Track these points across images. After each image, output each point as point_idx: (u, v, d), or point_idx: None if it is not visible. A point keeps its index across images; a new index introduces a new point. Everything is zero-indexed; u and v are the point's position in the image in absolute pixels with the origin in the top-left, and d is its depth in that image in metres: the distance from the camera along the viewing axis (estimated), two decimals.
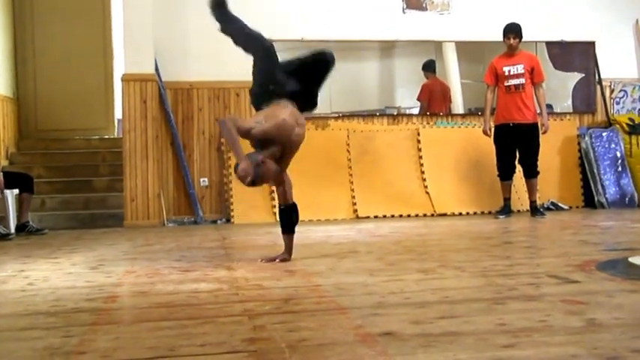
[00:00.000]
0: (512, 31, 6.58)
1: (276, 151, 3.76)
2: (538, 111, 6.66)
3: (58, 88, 8.08)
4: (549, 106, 7.36)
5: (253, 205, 6.90)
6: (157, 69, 7.02)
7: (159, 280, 3.24)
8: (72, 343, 2.06)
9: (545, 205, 7.23)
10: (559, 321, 2.15)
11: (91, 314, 2.50)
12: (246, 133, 3.77)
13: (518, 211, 7.05)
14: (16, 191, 6.07)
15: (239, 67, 7.49)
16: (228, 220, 6.99)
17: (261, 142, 3.77)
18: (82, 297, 2.85)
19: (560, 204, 7.37)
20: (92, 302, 2.74)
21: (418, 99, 7.83)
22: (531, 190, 6.67)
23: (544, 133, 6.62)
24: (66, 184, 7.20)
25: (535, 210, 6.60)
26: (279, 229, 5.88)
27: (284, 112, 3.83)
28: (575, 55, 8.02)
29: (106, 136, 8.22)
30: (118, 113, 7.95)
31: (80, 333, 2.18)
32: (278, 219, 4.04)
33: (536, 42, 7.72)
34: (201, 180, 7.28)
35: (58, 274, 3.57)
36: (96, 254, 4.42)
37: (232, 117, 4.07)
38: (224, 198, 7.18)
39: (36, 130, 8.09)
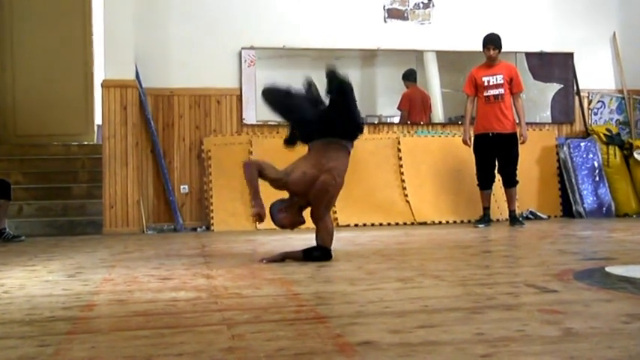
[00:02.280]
0: (492, 42, 6.64)
1: (298, 201, 4.03)
2: (517, 121, 6.72)
3: (38, 93, 8.02)
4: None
5: (233, 213, 6.89)
6: (137, 75, 6.99)
7: (137, 289, 3.21)
8: (47, 352, 2.03)
9: (524, 215, 7.30)
10: (536, 330, 2.17)
11: (67, 323, 2.47)
12: (272, 182, 4.02)
13: (498, 220, 7.10)
14: None
15: (220, 74, 7.57)
16: (208, 228, 6.97)
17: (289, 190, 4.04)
18: (58, 305, 2.82)
19: (539, 213, 7.44)
20: (69, 311, 2.71)
21: (399, 108, 7.87)
22: (510, 199, 6.72)
23: (522, 143, 6.67)
24: (44, 190, 7.13)
25: (514, 219, 6.65)
26: (258, 237, 5.90)
27: (307, 162, 4.05)
28: (554, 66, 8.11)
29: (86, 143, 8.16)
30: (97, 119, 7.89)
31: (56, 342, 2.16)
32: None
33: (515, 52, 7.81)
34: (182, 187, 7.25)
35: (34, 281, 3.53)
36: (73, 262, 4.37)
37: (259, 163, 4.12)
38: (204, 205, 7.15)
39: (14, 136, 8.02)
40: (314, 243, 4.20)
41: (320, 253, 4.03)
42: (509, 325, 2.24)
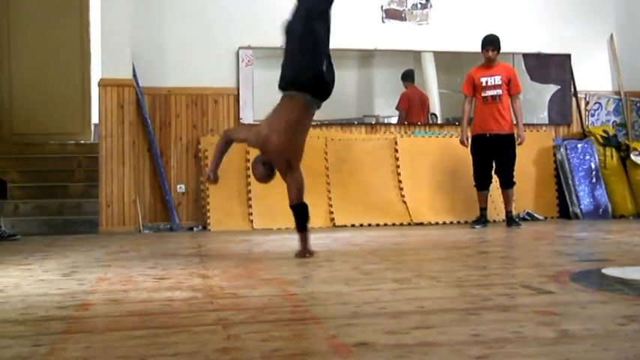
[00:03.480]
0: (491, 43, 6.64)
1: (265, 158, 4.25)
2: (515, 122, 6.72)
3: (34, 91, 7.99)
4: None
5: (230, 213, 6.88)
6: (134, 74, 6.97)
7: (132, 288, 3.21)
8: (41, 352, 2.02)
9: (521, 216, 7.30)
10: (532, 332, 2.16)
11: (62, 322, 2.46)
12: (244, 142, 4.53)
13: (494, 221, 7.10)
14: None
15: (217, 73, 7.55)
16: (204, 227, 6.95)
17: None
18: (53, 305, 2.81)
19: (535, 214, 7.44)
20: (64, 310, 2.70)
21: (397, 108, 7.86)
22: (507, 200, 6.72)
23: (520, 144, 6.68)
24: (40, 189, 7.10)
25: (511, 220, 6.65)
26: (255, 237, 5.90)
27: (266, 120, 4.28)
28: (552, 67, 8.11)
29: (82, 141, 8.13)
30: (94, 118, 7.87)
31: (50, 342, 2.15)
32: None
33: (513, 53, 7.80)
34: (178, 186, 7.24)
35: (29, 280, 3.52)
36: (69, 261, 4.36)
37: (229, 131, 4.41)
38: (201, 205, 7.14)
39: (10, 134, 7.98)
40: (311, 242, 4.20)
41: (301, 214, 4.23)
42: (505, 326, 2.24)
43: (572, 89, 8.15)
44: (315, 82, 4.12)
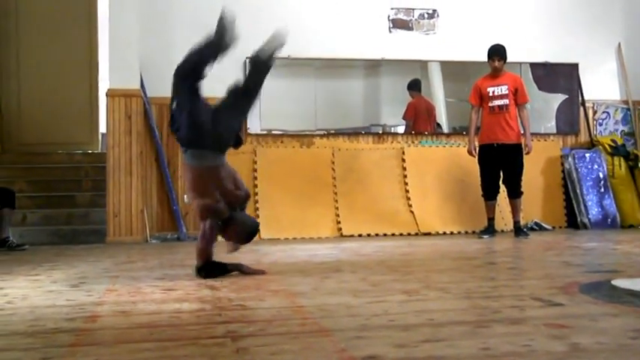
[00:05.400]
0: (497, 53, 6.64)
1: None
2: (522, 132, 6.71)
3: (42, 102, 8.04)
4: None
5: None
6: (142, 84, 7.00)
7: (140, 300, 3.20)
8: None
9: (529, 226, 7.27)
10: (543, 345, 2.14)
11: (70, 335, 2.46)
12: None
13: (502, 231, 7.07)
14: None
15: (224, 84, 7.53)
16: None
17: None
18: (61, 316, 2.80)
19: (543, 224, 7.41)
20: (72, 322, 2.69)
21: (404, 118, 7.86)
22: (515, 210, 6.70)
23: (527, 153, 6.66)
24: (48, 198, 7.13)
25: (519, 230, 6.62)
26: (262, 247, 5.89)
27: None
28: (559, 76, 8.10)
29: (90, 151, 8.17)
30: (102, 128, 7.90)
31: (59, 354, 2.14)
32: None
33: (520, 63, 7.80)
34: (185, 196, 7.23)
35: (37, 292, 3.52)
36: (77, 271, 4.36)
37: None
38: None
39: (18, 144, 8.03)
40: (316, 252, 4.19)
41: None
42: (516, 339, 2.22)
43: (580, 98, 8.14)
44: None
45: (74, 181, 7.47)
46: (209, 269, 3.89)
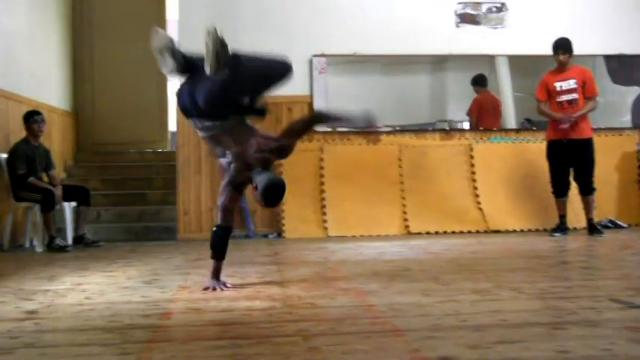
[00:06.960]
0: (561, 46, 6.44)
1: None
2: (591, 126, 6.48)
3: (115, 102, 8.31)
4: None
5: (304, 220, 6.91)
6: None
7: (212, 297, 3.25)
8: None
9: (603, 223, 7.03)
10: (624, 350, 2.08)
11: (146, 331, 2.52)
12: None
13: (575, 228, 6.87)
14: (73, 204, 6.22)
15: (291, 81, 7.57)
16: (279, 235, 7.00)
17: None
18: (137, 313, 2.88)
19: (618, 222, 7.16)
20: (147, 319, 2.76)
21: (468, 114, 7.74)
22: (588, 207, 6.49)
23: (567, 122, 6.33)
24: (120, 196, 7.34)
25: (592, 228, 6.41)
26: (330, 245, 5.90)
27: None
28: (635, 68, 7.81)
29: (160, 150, 8.36)
30: (172, 127, 8.08)
31: (136, 350, 2.20)
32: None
33: (594, 56, 7.56)
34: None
35: (113, 288, 3.62)
36: (150, 268, 4.47)
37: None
38: (275, 212, 7.19)
39: (93, 144, 8.30)
40: (384, 250, 4.15)
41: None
42: (595, 342, 2.16)
43: None
44: None
45: (145, 179, 7.66)
46: None
